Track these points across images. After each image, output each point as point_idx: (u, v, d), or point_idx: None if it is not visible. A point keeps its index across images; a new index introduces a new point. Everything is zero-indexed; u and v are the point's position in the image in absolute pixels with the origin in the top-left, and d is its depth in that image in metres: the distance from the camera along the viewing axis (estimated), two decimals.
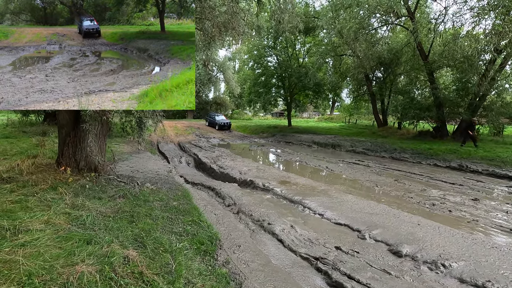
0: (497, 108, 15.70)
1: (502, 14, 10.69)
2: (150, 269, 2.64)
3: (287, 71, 25.13)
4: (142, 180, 6.66)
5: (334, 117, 41.08)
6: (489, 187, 8.46)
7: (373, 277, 3.53)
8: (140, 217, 4.11)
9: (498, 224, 5.51)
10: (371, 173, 10.26)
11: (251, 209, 6.08)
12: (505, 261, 3.79)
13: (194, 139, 20.42)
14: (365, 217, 5.58)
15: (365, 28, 16.36)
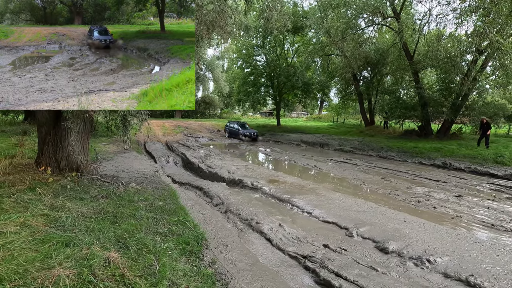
0: (479, 107, 16.22)
1: (483, 16, 11.02)
2: (132, 271, 2.54)
3: (276, 71, 25.17)
4: (127, 180, 6.48)
5: (322, 117, 41.46)
6: (471, 184, 8.69)
7: (360, 274, 3.53)
8: (124, 217, 3.97)
9: (480, 220, 5.65)
10: (359, 171, 10.37)
11: (239, 208, 6.02)
12: (487, 256, 3.88)
13: (182, 138, 20.15)
14: (353, 215, 5.61)
15: (352, 28, 16.56)
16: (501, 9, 10.12)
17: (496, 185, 8.44)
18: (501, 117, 18.48)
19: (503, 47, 10.25)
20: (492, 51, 11.04)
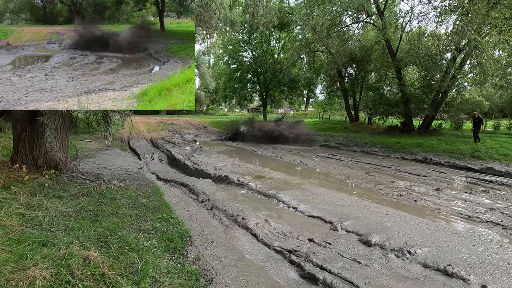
0: (457, 104, 16.82)
1: (462, 15, 11.38)
2: (113, 270, 2.48)
3: (262, 67, 25.15)
4: (110, 178, 6.31)
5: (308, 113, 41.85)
6: (450, 177, 9.02)
7: (344, 267, 3.59)
8: (105, 215, 3.87)
9: (458, 212, 5.88)
10: (344, 166, 10.55)
11: (225, 204, 5.98)
12: (463, 246, 4.04)
13: (167, 135, 19.82)
14: (337, 209, 5.70)
15: (337, 25, 16.72)
16: (478, 8, 10.48)
17: (472, 179, 8.80)
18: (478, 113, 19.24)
19: (480, 46, 10.63)
20: (470, 49, 11.44)
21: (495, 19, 10.39)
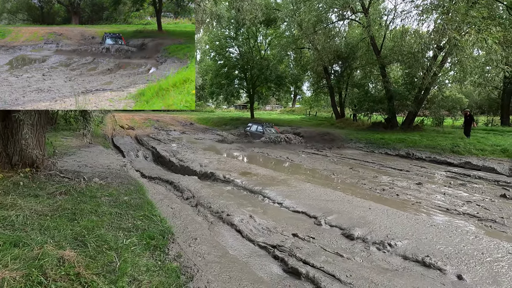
0: (438, 101, 17.32)
1: (443, 14, 11.67)
2: (89, 269, 2.40)
3: (249, 63, 25.00)
4: (90, 175, 6.13)
5: (295, 110, 42.08)
6: (431, 172, 9.30)
7: (326, 261, 3.63)
8: (84, 214, 3.75)
9: (437, 205, 6.06)
10: (329, 162, 10.68)
11: (210, 201, 5.94)
12: (441, 237, 4.17)
13: (152, 132, 19.48)
14: (322, 204, 5.76)
15: (323, 22, 16.82)
16: (458, 7, 10.77)
17: (452, 173, 9.10)
18: (458, 110, 19.90)
19: (460, 44, 10.94)
20: (450, 47, 11.76)
21: (473, 18, 10.71)
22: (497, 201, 6.28)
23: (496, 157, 10.24)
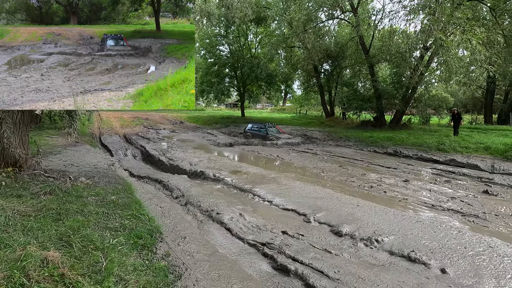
0: (425, 100, 17.69)
1: (429, 14, 11.91)
2: (74, 270, 2.36)
3: (240, 61, 24.89)
4: (76, 175, 6.00)
5: (286, 108, 42.23)
6: (417, 169, 9.50)
7: (315, 257, 3.68)
8: (69, 214, 3.67)
9: (423, 201, 6.21)
10: (319, 160, 10.77)
11: (200, 200, 5.92)
12: (426, 233, 4.27)
13: (141, 130, 19.20)
14: (311, 201, 5.81)
15: (313, 21, 16.90)
16: (444, 8, 11.01)
17: (437, 170, 9.32)
18: (444, 108, 20.39)
19: (445, 44, 11.19)
20: (436, 47, 12.02)
21: (458, 19, 10.97)
22: (480, 197, 6.47)
23: (479, 154, 10.55)
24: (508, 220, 5.17)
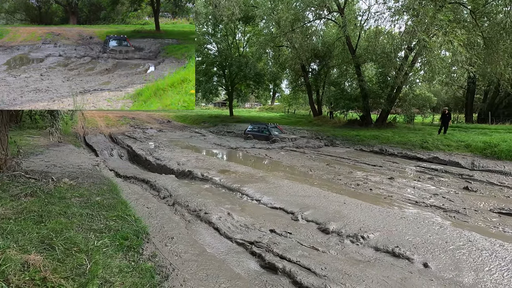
0: (409, 99, 18.14)
1: (413, 16, 12.21)
2: (57, 273, 2.30)
3: (228, 60, 24.79)
4: (59, 176, 5.84)
5: (274, 107, 42.39)
6: (402, 167, 9.74)
7: (302, 255, 3.72)
8: (52, 216, 3.57)
9: (407, 198, 6.37)
10: (307, 159, 10.88)
11: (187, 199, 5.87)
12: (410, 229, 4.39)
13: (128, 130, 18.85)
14: (299, 199, 5.86)
15: (300, 20, 17.02)
16: (427, 10, 11.31)
17: (421, 167, 9.59)
18: (427, 108, 20.96)
19: (428, 45, 11.51)
20: (420, 48, 12.34)
21: (441, 21, 11.30)
22: (460, 193, 6.71)
23: (460, 152, 10.92)
24: (486, 215, 5.38)
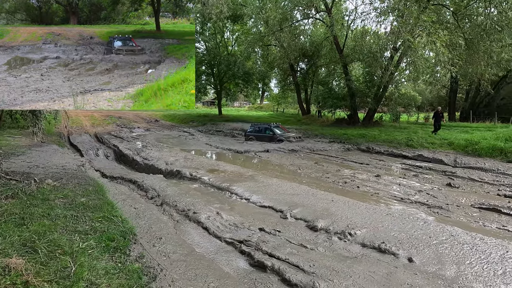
0: (395, 98, 18.54)
1: (398, 16, 12.47)
2: (39, 277, 2.23)
3: (216, 59, 24.66)
4: (42, 177, 5.67)
5: (263, 106, 42.44)
6: (388, 165, 9.96)
7: (291, 253, 3.75)
8: (34, 218, 3.47)
9: (393, 195, 6.52)
10: (296, 158, 10.96)
11: (176, 199, 5.82)
12: (395, 225, 4.50)
13: (114, 129, 18.47)
14: (288, 198, 5.90)
15: (288, 20, 17.09)
16: (411, 11, 11.57)
17: (406, 165, 9.82)
18: (412, 107, 21.47)
19: (413, 46, 11.78)
20: (405, 49, 12.61)
21: (424, 22, 11.58)
22: (444, 190, 6.91)
23: (443, 149, 11.25)
24: (467, 210, 5.58)
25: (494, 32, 11.59)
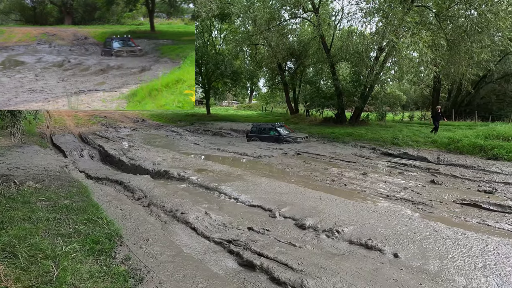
0: (381, 97, 18.91)
1: (383, 17, 12.72)
2: (20, 282, 2.15)
3: (204, 58, 24.46)
4: (23, 179, 5.47)
5: (252, 106, 42.42)
6: (374, 163, 10.14)
7: (280, 251, 3.77)
8: (14, 222, 3.34)
9: (379, 193, 6.65)
10: (284, 156, 11.00)
11: (163, 200, 5.74)
12: (381, 221, 4.59)
13: (99, 129, 18.04)
14: (276, 197, 5.92)
15: (276, 19, 17.13)
16: (395, 12, 11.82)
17: (392, 163, 10.03)
18: (398, 106, 21.96)
19: (397, 46, 12.05)
20: (390, 49, 12.88)
21: (408, 23, 11.87)
22: (427, 187, 7.11)
23: (427, 147, 11.56)
24: (450, 206, 5.75)
25: (475, 33, 11.98)
